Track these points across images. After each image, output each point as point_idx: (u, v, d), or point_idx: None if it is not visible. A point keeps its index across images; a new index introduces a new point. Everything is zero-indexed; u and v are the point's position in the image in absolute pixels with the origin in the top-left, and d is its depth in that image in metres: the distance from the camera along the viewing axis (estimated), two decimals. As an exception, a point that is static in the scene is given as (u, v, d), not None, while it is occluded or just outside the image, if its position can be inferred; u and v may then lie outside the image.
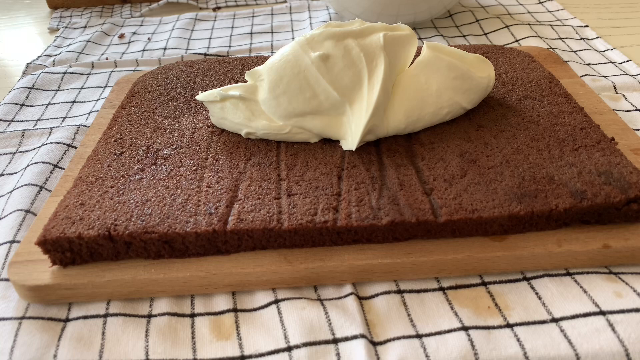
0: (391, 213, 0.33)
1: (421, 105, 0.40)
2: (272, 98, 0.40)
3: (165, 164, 0.39)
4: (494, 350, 0.29)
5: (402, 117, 0.40)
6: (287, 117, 0.40)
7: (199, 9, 0.87)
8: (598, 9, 0.76)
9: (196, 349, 0.30)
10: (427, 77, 0.41)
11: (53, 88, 0.62)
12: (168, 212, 0.34)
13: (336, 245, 0.34)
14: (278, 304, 0.32)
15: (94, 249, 0.33)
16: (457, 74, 0.41)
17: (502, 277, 0.33)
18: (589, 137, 0.39)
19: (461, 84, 0.41)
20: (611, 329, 0.29)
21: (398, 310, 0.32)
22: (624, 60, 0.59)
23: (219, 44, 0.71)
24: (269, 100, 0.40)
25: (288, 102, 0.40)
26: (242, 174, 0.38)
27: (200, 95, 0.43)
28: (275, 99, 0.40)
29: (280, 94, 0.40)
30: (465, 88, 0.41)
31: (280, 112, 0.40)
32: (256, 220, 0.33)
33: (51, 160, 0.46)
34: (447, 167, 0.37)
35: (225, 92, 0.41)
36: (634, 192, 0.33)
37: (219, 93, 0.41)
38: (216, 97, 0.41)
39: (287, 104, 0.40)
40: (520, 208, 0.33)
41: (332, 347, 0.29)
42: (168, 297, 0.34)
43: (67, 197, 0.36)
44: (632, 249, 0.33)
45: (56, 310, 0.33)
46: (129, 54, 0.70)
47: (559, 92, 0.45)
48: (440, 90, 0.40)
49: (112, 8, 0.90)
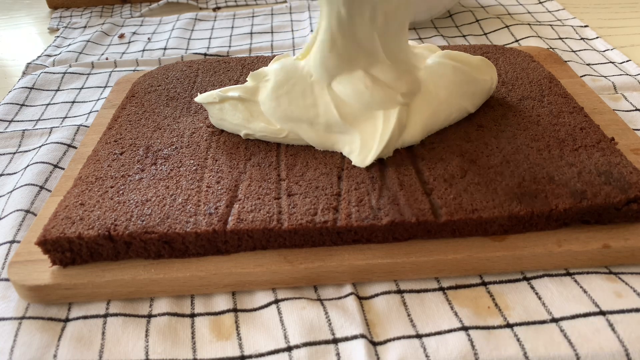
0: (391, 213, 0.33)
1: (435, 118, 0.40)
2: (273, 98, 0.40)
3: (165, 164, 0.39)
4: (494, 350, 0.29)
5: (418, 133, 0.39)
6: (284, 120, 0.39)
7: (199, 9, 0.87)
8: (598, 9, 0.76)
9: (196, 349, 0.30)
10: (435, 85, 0.40)
11: (53, 88, 0.62)
12: (168, 212, 0.34)
13: (336, 245, 0.34)
14: (278, 304, 0.32)
15: (94, 249, 0.33)
16: (463, 79, 0.41)
17: (502, 277, 0.33)
18: (589, 137, 0.39)
19: (467, 88, 0.41)
20: (611, 329, 0.29)
21: (398, 310, 0.32)
22: (624, 60, 0.59)
23: (219, 44, 0.71)
24: (269, 100, 0.40)
25: (287, 104, 0.39)
26: (242, 174, 0.38)
27: (199, 97, 0.42)
28: (276, 99, 0.39)
29: (282, 94, 0.39)
30: (470, 92, 0.41)
31: (278, 114, 0.40)
32: (256, 220, 0.33)
33: (51, 160, 0.46)
34: (447, 167, 0.37)
35: (224, 93, 0.41)
36: (634, 192, 0.33)
37: (217, 94, 0.41)
38: (215, 99, 0.41)
39: (286, 106, 0.39)
40: (520, 208, 0.33)
41: (332, 347, 0.29)
42: (168, 297, 0.34)
43: (67, 197, 0.36)
44: (632, 249, 0.33)
45: (56, 310, 0.33)
46: (129, 54, 0.70)
47: (559, 92, 0.45)
48: (449, 97, 0.40)
49: (112, 8, 0.90)
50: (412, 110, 0.39)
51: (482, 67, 0.43)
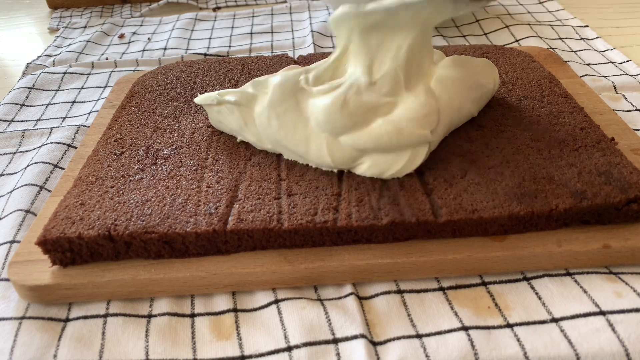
0: (391, 213, 0.33)
1: (448, 126, 0.39)
2: (265, 115, 0.38)
3: (165, 164, 0.39)
4: (494, 350, 0.29)
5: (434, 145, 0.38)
6: (273, 142, 0.38)
7: (199, 9, 0.87)
8: (598, 9, 0.76)
9: (196, 349, 0.30)
10: (449, 94, 0.38)
11: (53, 88, 0.62)
12: (168, 212, 0.34)
13: (336, 245, 0.34)
14: (278, 304, 0.32)
15: (94, 249, 0.33)
16: (471, 85, 0.40)
17: (502, 277, 0.33)
18: (589, 137, 0.39)
19: (474, 94, 0.41)
20: (611, 329, 0.29)
21: (398, 310, 0.32)
22: (624, 60, 0.59)
23: (219, 44, 0.71)
24: (262, 116, 0.38)
25: (277, 128, 0.37)
26: (242, 174, 0.38)
27: (198, 97, 0.42)
28: (268, 118, 0.37)
29: (273, 116, 0.37)
30: (477, 97, 0.41)
31: (268, 134, 0.38)
32: (256, 220, 0.33)
33: (51, 160, 0.46)
34: (447, 167, 0.37)
35: (221, 96, 0.40)
36: (634, 192, 0.33)
37: (215, 97, 0.40)
38: (213, 101, 0.41)
39: (276, 129, 0.37)
40: (520, 208, 0.33)
41: (332, 347, 0.29)
42: (168, 297, 0.34)
43: (67, 197, 0.36)
44: (632, 249, 0.33)
45: (56, 310, 0.33)
46: (129, 54, 0.70)
47: (559, 92, 0.45)
48: (461, 105, 0.40)
49: (112, 8, 0.90)
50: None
51: (486, 70, 0.43)
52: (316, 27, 0.72)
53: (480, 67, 0.42)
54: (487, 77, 0.42)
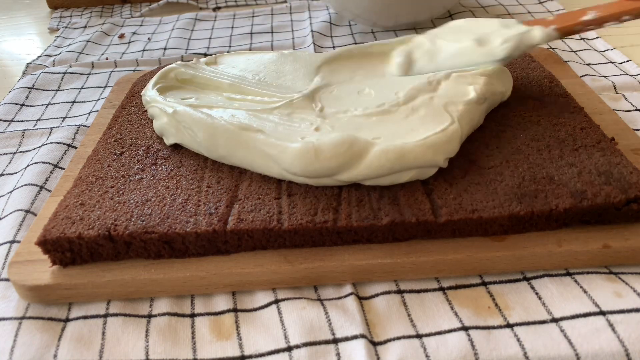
0: (391, 213, 0.33)
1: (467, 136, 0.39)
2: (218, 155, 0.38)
3: (165, 164, 0.39)
4: (494, 350, 0.29)
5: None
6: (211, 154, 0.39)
7: (199, 9, 0.87)
8: (598, 9, 0.76)
9: (196, 349, 0.30)
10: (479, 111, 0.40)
11: (53, 88, 0.62)
12: (168, 212, 0.34)
13: (336, 245, 0.34)
14: (278, 304, 0.32)
15: (94, 249, 0.33)
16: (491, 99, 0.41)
17: (502, 277, 0.33)
18: (589, 137, 0.39)
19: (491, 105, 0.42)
20: (611, 329, 0.29)
21: (398, 310, 0.32)
22: (624, 60, 0.59)
23: (219, 44, 0.71)
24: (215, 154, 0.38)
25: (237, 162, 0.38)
26: (242, 174, 0.38)
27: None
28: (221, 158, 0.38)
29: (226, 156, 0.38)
30: (491, 105, 0.42)
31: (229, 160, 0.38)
32: (256, 220, 0.33)
33: (51, 160, 0.46)
34: (447, 167, 0.37)
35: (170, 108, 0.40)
36: (634, 192, 0.33)
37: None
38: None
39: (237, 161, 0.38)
40: (520, 208, 0.33)
41: (332, 347, 0.29)
42: (168, 297, 0.34)
43: (67, 197, 0.36)
44: (632, 249, 0.33)
45: (56, 310, 0.33)
46: (129, 54, 0.70)
47: (559, 92, 0.45)
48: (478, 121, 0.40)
49: (112, 8, 0.90)
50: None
51: (503, 78, 0.43)
52: (316, 27, 0.72)
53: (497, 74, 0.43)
54: (504, 85, 0.43)
